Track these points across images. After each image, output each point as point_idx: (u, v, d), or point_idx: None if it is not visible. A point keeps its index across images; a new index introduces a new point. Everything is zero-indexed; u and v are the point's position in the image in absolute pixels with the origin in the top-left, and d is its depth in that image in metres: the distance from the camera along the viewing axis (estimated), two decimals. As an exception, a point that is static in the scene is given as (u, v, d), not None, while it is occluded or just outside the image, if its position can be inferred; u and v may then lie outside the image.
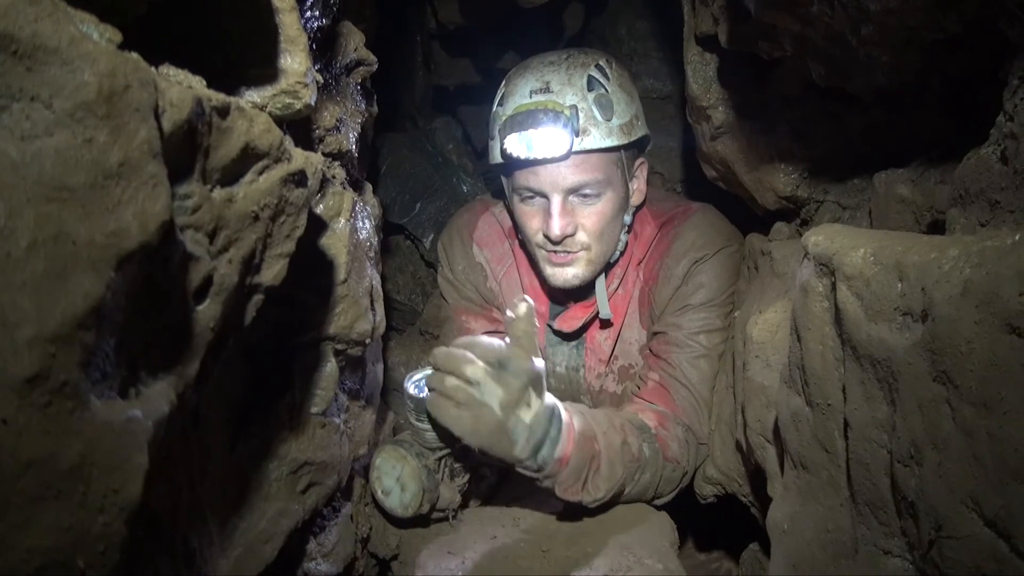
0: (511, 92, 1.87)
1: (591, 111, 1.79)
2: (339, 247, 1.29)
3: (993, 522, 0.69)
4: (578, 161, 1.79)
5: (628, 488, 1.68)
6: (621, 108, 1.85)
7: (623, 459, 1.64)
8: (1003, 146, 0.88)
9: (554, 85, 1.81)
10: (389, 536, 1.70)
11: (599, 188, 1.82)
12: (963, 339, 0.71)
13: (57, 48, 0.55)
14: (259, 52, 0.98)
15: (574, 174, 1.79)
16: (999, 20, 0.90)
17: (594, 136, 1.79)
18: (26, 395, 0.52)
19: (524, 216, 1.91)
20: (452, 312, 2.20)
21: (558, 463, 1.54)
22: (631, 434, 1.69)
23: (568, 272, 1.90)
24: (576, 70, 1.83)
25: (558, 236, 1.82)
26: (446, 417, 1.47)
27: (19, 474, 0.52)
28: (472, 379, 1.45)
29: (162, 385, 0.73)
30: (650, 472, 1.71)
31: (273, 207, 0.89)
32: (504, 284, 2.14)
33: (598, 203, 1.84)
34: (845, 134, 1.52)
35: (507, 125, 1.78)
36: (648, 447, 1.72)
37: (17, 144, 0.53)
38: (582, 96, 1.79)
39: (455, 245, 2.19)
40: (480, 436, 1.46)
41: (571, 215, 1.83)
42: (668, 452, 1.77)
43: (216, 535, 1.08)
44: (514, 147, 1.78)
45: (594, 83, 1.82)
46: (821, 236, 1.03)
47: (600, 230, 1.86)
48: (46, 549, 0.54)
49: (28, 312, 0.52)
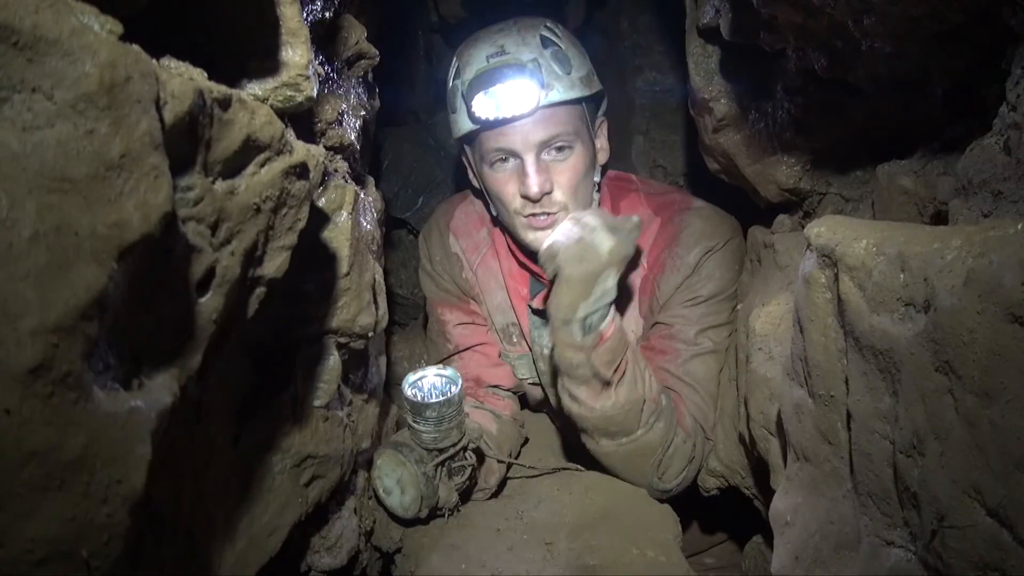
0: (466, 63, 1.84)
1: (551, 66, 1.78)
2: (341, 240, 1.29)
3: (996, 511, 0.69)
4: (547, 115, 1.77)
5: (641, 431, 1.71)
6: (577, 62, 1.84)
7: (645, 384, 1.71)
8: (1006, 136, 0.88)
9: (509, 47, 1.79)
10: (392, 529, 1.70)
11: (569, 140, 1.81)
12: (965, 329, 0.71)
13: (58, 39, 0.55)
14: (260, 45, 0.98)
15: (544, 128, 1.78)
16: (1002, 9, 0.89)
17: (558, 89, 1.78)
18: (29, 385, 0.52)
19: (498, 183, 1.87)
20: (430, 305, 2.20)
21: (598, 337, 1.64)
22: (652, 378, 1.74)
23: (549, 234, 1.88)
24: (527, 31, 1.82)
25: (536, 193, 1.79)
26: (556, 245, 1.66)
27: (22, 464, 0.52)
28: (590, 224, 1.66)
29: (165, 377, 0.74)
30: (664, 423, 1.74)
31: (275, 199, 0.89)
32: (480, 273, 2.13)
33: (570, 157, 1.82)
34: (847, 126, 1.51)
35: (472, 87, 1.76)
36: (665, 398, 1.77)
37: (19, 135, 0.54)
38: (539, 52, 1.78)
39: (433, 236, 2.19)
40: (578, 267, 1.61)
41: (546, 172, 1.81)
42: (682, 420, 1.80)
43: (220, 528, 1.09)
44: (482, 108, 1.76)
45: (547, 41, 1.82)
46: (824, 227, 1.02)
47: (574, 186, 1.83)
48: (50, 539, 0.54)
49: (31, 303, 0.52)
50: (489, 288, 2.12)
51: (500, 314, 2.13)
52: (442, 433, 1.60)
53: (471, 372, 2.09)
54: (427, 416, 1.58)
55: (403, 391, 1.63)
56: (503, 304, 2.12)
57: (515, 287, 2.07)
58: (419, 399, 1.60)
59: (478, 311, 2.15)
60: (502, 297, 2.11)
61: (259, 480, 1.21)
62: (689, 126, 2.18)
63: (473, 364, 2.10)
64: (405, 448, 1.62)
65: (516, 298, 2.08)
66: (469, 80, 1.78)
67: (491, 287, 2.12)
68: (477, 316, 2.15)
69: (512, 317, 2.12)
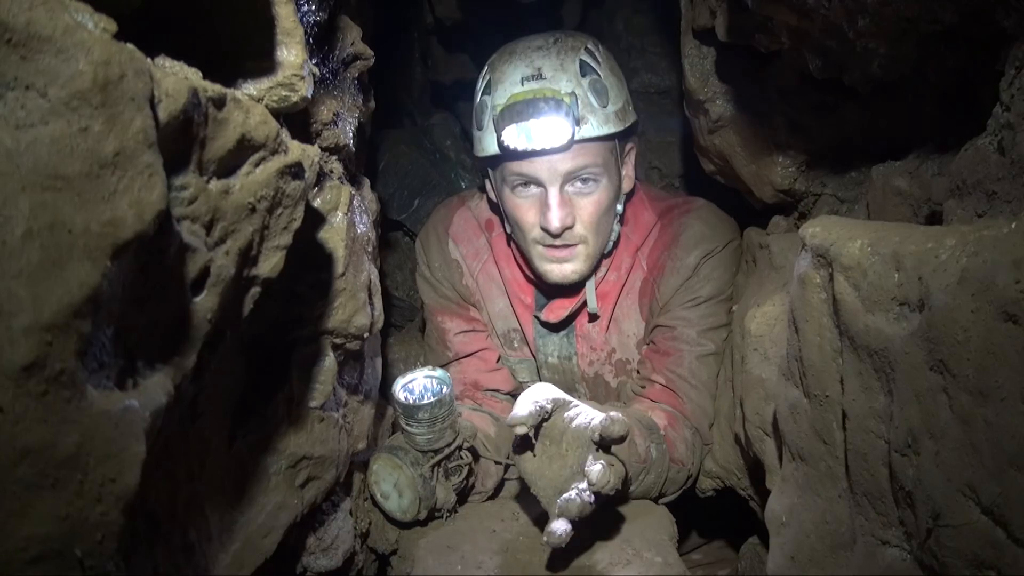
0: (499, 79, 1.80)
1: (587, 98, 1.74)
2: (337, 241, 1.29)
3: (990, 509, 0.69)
4: (577, 149, 1.74)
5: (632, 487, 1.68)
6: (614, 93, 1.80)
7: (629, 459, 1.61)
8: (1000, 136, 0.88)
9: (546, 71, 1.75)
10: (388, 531, 1.70)
11: (596, 174, 1.78)
12: (960, 327, 0.71)
13: (52, 37, 0.55)
14: (255, 45, 0.98)
15: (573, 160, 1.74)
16: (996, 11, 0.90)
17: (592, 124, 1.74)
18: (23, 383, 0.52)
19: (518, 209, 1.83)
20: (429, 313, 2.17)
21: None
22: (639, 435, 1.67)
23: (567, 268, 1.86)
24: (567, 55, 1.77)
25: (558, 228, 1.76)
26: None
27: (16, 462, 0.52)
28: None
29: (160, 376, 0.73)
30: (655, 473, 1.71)
31: (270, 199, 0.89)
32: (481, 280, 2.10)
33: (595, 192, 1.79)
34: (842, 127, 1.51)
35: (504, 116, 1.71)
36: (656, 448, 1.70)
37: (12, 133, 0.53)
38: (577, 82, 1.74)
39: (431, 242, 2.14)
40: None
41: (569, 206, 1.78)
42: (675, 454, 1.76)
43: (215, 529, 1.08)
44: (512, 139, 1.72)
45: (587, 68, 1.77)
46: (818, 227, 1.02)
47: (597, 222, 1.81)
48: (43, 537, 0.54)
49: (24, 300, 0.52)
50: (491, 295, 2.11)
51: (501, 320, 2.12)
52: (436, 434, 1.60)
53: (469, 377, 2.08)
54: (420, 418, 1.58)
55: (394, 394, 1.62)
56: (505, 311, 2.11)
57: (518, 294, 2.06)
58: (411, 401, 1.60)
59: (478, 317, 2.14)
60: (504, 304, 2.10)
61: (254, 481, 1.20)
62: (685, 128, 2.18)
63: (472, 369, 2.10)
64: (400, 451, 1.62)
65: (519, 305, 2.07)
66: (501, 107, 1.73)
67: (492, 294, 2.10)
68: (477, 322, 2.14)
69: (514, 323, 2.11)
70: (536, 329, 2.07)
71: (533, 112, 1.69)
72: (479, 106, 1.86)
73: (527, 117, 1.69)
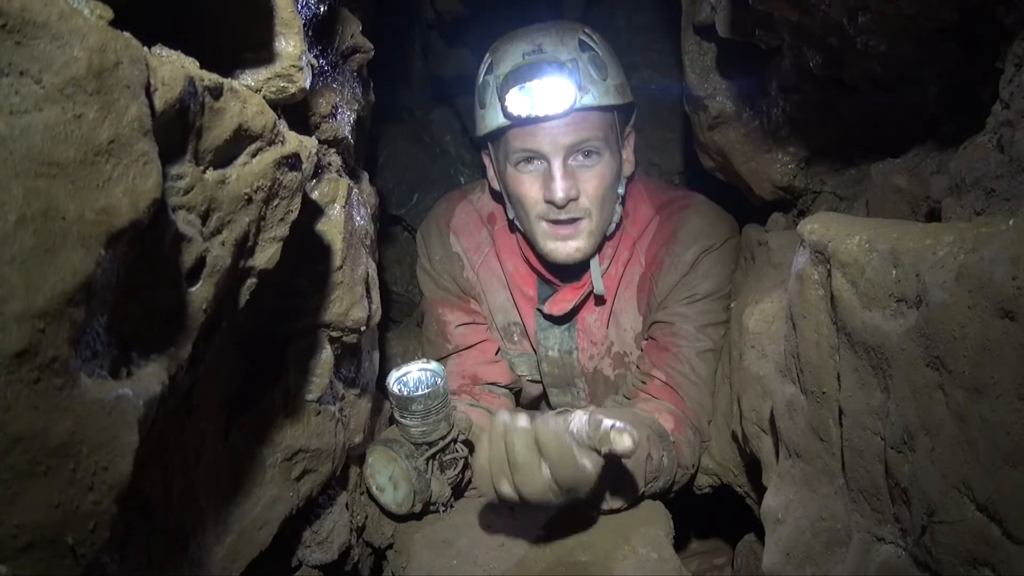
0: (500, 58, 1.83)
1: (587, 69, 1.77)
2: (334, 233, 1.28)
3: (985, 506, 0.69)
4: (579, 118, 1.76)
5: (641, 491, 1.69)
6: (613, 70, 1.84)
7: (645, 473, 1.63)
8: (999, 134, 0.88)
9: (547, 46, 1.78)
10: (384, 525, 1.70)
11: (598, 148, 1.79)
12: (956, 324, 0.71)
13: (47, 23, 0.55)
14: (254, 35, 0.97)
15: (575, 131, 1.76)
16: (996, 8, 0.89)
17: (593, 94, 1.76)
18: (15, 370, 0.52)
19: (522, 185, 1.84)
20: (428, 305, 2.17)
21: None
22: (655, 446, 1.67)
23: (571, 246, 1.86)
24: (566, 33, 1.82)
25: (562, 199, 1.76)
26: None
27: (7, 449, 0.52)
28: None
29: (154, 366, 0.73)
30: (664, 479, 1.72)
31: (267, 190, 0.89)
32: (482, 273, 2.11)
33: (598, 165, 1.81)
34: (842, 124, 1.51)
35: (508, 80, 1.74)
36: (667, 457, 1.71)
37: (6, 119, 0.53)
38: (577, 54, 1.77)
39: (432, 235, 2.15)
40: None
41: (572, 178, 1.79)
42: (682, 459, 1.77)
43: (210, 521, 1.08)
44: (516, 103, 1.74)
45: (585, 45, 1.81)
46: (817, 224, 1.02)
47: (601, 195, 1.82)
48: (35, 525, 0.54)
49: (17, 287, 0.52)
50: (491, 287, 2.11)
51: (502, 313, 2.13)
52: (430, 426, 1.60)
53: (468, 369, 2.08)
54: (413, 410, 1.58)
55: (388, 387, 1.62)
56: (505, 304, 2.11)
57: (519, 287, 2.06)
58: (404, 394, 1.60)
59: (478, 310, 2.14)
60: (504, 296, 2.10)
61: (250, 473, 1.20)
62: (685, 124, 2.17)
63: (470, 361, 2.10)
64: (395, 444, 1.62)
65: (520, 298, 2.07)
66: (504, 74, 1.76)
67: (493, 287, 2.11)
68: (477, 315, 2.14)
69: (515, 316, 2.11)
70: (538, 322, 2.08)
71: (536, 73, 1.73)
72: (481, 86, 1.90)
73: (531, 78, 1.73)
